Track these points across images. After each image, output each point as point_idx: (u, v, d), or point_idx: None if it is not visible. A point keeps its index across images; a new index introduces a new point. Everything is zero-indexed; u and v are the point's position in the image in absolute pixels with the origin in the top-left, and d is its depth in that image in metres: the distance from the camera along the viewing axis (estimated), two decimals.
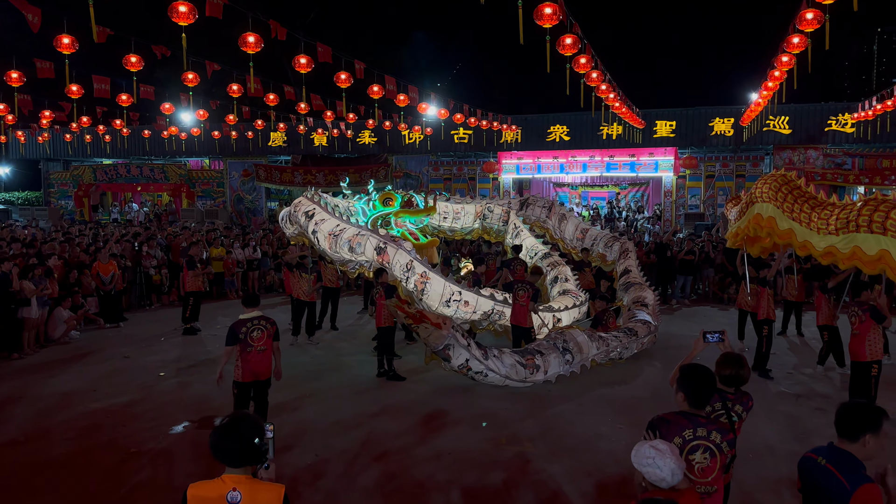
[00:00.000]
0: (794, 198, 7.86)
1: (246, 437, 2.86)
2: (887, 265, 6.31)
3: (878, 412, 3.14)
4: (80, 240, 16.48)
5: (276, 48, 12.16)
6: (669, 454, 2.90)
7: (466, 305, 9.41)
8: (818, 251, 7.33)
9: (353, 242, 9.79)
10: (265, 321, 6.73)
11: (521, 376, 8.23)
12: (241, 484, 2.85)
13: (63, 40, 9.35)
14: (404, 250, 9.44)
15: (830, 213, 7.15)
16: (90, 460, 6.54)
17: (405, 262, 9.28)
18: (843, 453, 3.10)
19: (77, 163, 33.52)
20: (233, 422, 2.90)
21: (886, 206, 6.42)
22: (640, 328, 9.83)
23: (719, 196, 25.85)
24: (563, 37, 8.91)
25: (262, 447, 2.91)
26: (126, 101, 14.76)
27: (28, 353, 10.59)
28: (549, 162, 26.65)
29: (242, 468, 2.89)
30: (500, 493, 5.82)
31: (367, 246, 9.68)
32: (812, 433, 7.08)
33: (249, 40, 9.54)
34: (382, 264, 9.45)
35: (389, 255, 9.42)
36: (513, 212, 13.28)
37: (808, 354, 10.53)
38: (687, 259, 15.59)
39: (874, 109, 18.81)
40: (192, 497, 2.89)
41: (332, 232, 10.06)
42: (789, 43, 9.76)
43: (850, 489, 2.95)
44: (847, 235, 6.81)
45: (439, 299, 9.26)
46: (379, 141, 27.87)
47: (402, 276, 9.29)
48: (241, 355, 6.70)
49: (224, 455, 2.88)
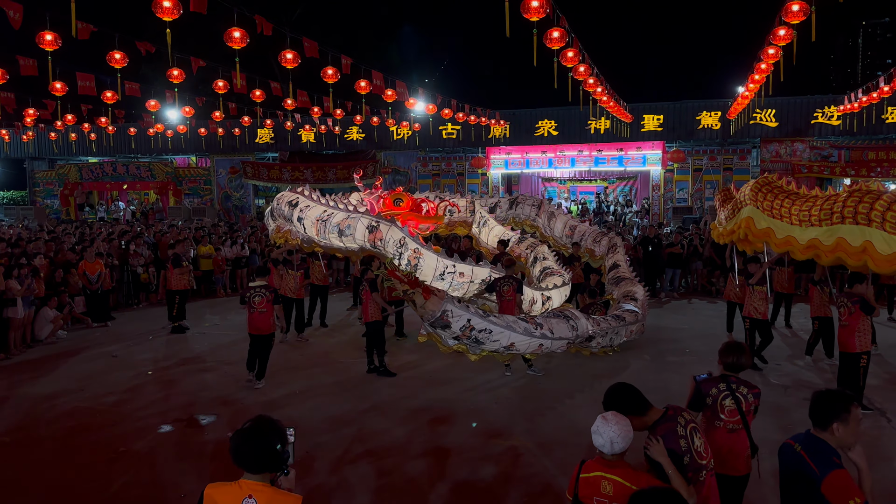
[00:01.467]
0: (774, 195, 7.94)
1: (268, 443, 2.77)
2: (870, 256, 6.32)
3: (845, 400, 3.21)
4: (66, 239, 16.34)
5: (263, 44, 12.09)
6: (614, 423, 3.19)
7: (462, 276, 9.20)
8: (801, 244, 7.35)
9: (342, 226, 9.49)
10: (266, 289, 8.82)
11: (524, 329, 7.89)
12: (257, 491, 2.75)
13: (46, 37, 9.21)
14: (397, 227, 9.25)
15: (813, 203, 7.18)
16: (78, 460, 6.49)
17: (398, 237, 9.02)
18: (817, 441, 3.19)
19: (62, 161, 33.20)
20: (255, 426, 2.79)
21: (871, 197, 6.43)
22: (627, 315, 9.79)
23: (707, 189, 25.96)
24: (550, 30, 8.89)
25: (284, 454, 2.83)
26: (111, 98, 14.59)
27: (14, 353, 10.50)
28: (538, 157, 26.67)
29: (261, 475, 2.80)
30: (491, 488, 5.82)
31: (358, 227, 9.36)
32: (799, 424, 7.09)
33: (235, 36, 9.44)
34: (375, 242, 9.21)
35: (382, 231, 9.15)
36: (477, 202, 13.23)
37: (798, 346, 10.59)
38: (675, 252, 15.66)
39: (860, 102, 18.92)
40: (208, 497, 2.81)
41: (320, 218, 9.80)
42: (775, 35, 9.78)
43: (819, 475, 3.04)
44: (831, 227, 6.84)
45: (433, 273, 9.05)
46: (367, 137, 27.76)
47: (395, 253, 9.05)
48: (248, 314, 8.75)
49: (244, 461, 2.78)
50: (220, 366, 9.83)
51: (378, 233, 9.16)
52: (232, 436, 2.80)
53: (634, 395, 3.53)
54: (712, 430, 4.34)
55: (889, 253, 6.16)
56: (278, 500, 2.78)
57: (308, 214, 10.01)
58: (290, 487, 2.89)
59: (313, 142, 28.43)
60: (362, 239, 9.37)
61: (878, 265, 6.30)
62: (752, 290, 9.31)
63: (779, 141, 24.41)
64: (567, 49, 9.90)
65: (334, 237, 9.67)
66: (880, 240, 6.24)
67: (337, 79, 12.22)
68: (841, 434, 3.16)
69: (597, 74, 12.53)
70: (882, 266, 6.30)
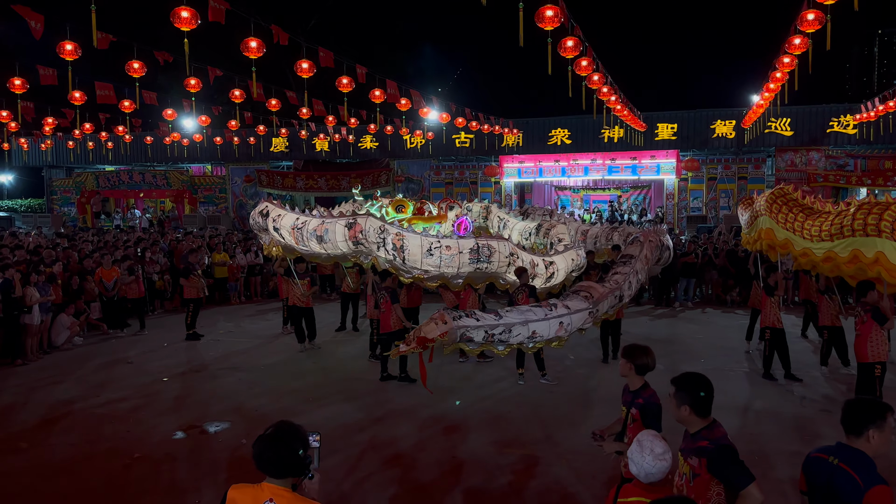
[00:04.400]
0: (789, 208, 8.00)
1: (290, 448, 2.75)
2: (883, 267, 6.36)
3: (882, 407, 3.12)
4: (84, 246, 16.50)
5: (279, 53, 12.19)
6: (648, 451, 2.97)
7: (449, 249, 8.88)
8: (818, 257, 7.41)
9: (318, 231, 9.27)
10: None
11: (541, 314, 7.44)
12: (278, 495, 2.74)
13: (66, 47, 9.36)
14: (373, 216, 9.14)
15: (824, 220, 7.25)
16: (93, 465, 6.54)
17: (377, 226, 8.85)
18: (855, 451, 3.07)
19: (80, 170, 33.57)
20: (277, 432, 2.78)
21: (879, 209, 6.50)
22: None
23: (721, 198, 25.83)
24: (564, 39, 8.91)
25: (307, 459, 2.81)
26: (129, 107, 14.76)
27: (31, 359, 10.59)
28: (551, 165, 26.64)
29: (283, 479, 2.79)
30: (507, 497, 5.79)
31: (337, 230, 9.11)
32: (817, 435, 7.04)
33: (251, 45, 9.55)
34: (356, 237, 8.97)
35: (361, 224, 8.95)
36: (493, 206, 13.15)
37: (816, 356, 10.48)
38: (689, 262, 15.57)
39: (876, 111, 18.79)
40: (230, 499, 2.81)
41: (295, 226, 9.62)
42: (790, 44, 9.75)
43: (863, 487, 2.93)
44: (845, 240, 6.89)
45: (420, 252, 8.85)
46: (381, 145, 27.88)
47: (377, 241, 8.91)
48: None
49: (267, 466, 2.77)
50: (233, 373, 9.87)
51: (357, 226, 8.93)
52: (254, 442, 2.80)
53: (706, 387, 3.44)
54: None
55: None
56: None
57: (282, 224, 9.84)
58: (315, 491, 2.88)
59: (327, 150, 28.60)
60: (343, 240, 9.11)
61: (891, 275, 6.33)
62: (770, 299, 9.27)
63: (794, 150, 24.24)
64: (581, 58, 9.91)
65: (314, 244, 9.48)
66: (892, 250, 6.30)
67: (352, 88, 12.30)
68: (877, 442, 3.05)
69: (611, 83, 12.53)
70: (894, 275, 6.31)
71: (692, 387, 3.44)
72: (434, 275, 8.98)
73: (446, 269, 8.93)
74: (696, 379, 3.48)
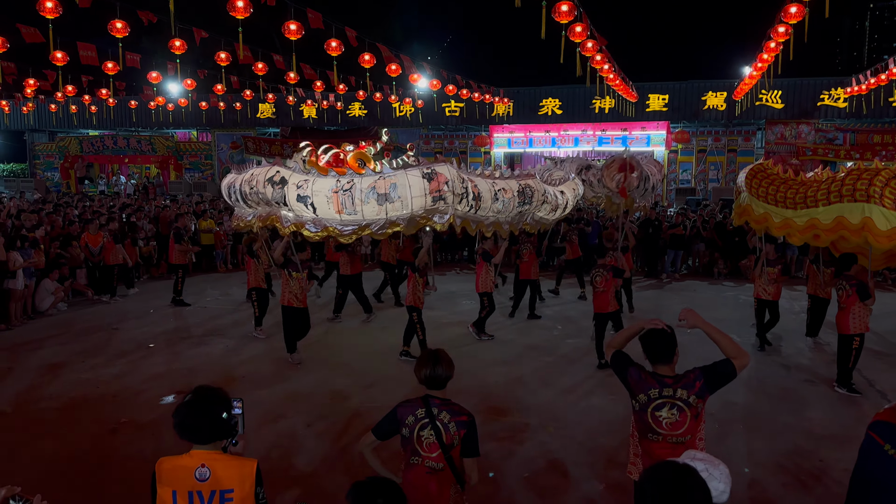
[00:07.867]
0: (770, 182, 7.98)
1: (212, 412, 2.76)
2: (870, 232, 6.34)
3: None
4: (69, 211, 16.28)
5: (266, 15, 11.91)
6: (717, 476, 2.51)
7: (506, 193, 7.46)
8: (799, 225, 7.38)
9: (381, 189, 6.55)
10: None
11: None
12: (210, 460, 2.75)
13: (46, 4, 9.08)
14: (452, 165, 6.89)
15: (809, 186, 7.23)
16: (79, 430, 6.50)
17: (456, 174, 6.77)
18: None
19: (63, 134, 33.03)
20: (197, 397, 2.78)
21: (869, 174, 6.48)
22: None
23: (710, 171, 25.84)
24: (559, 3, 8.74)
25: (231, 421, 2.82)
26: (112, 69, 14.41)
27: (15, 324, 10.49)
28: (541, 136, 26.52)
29: (212, 444, 2.80)
30: (493, 464, 5.81)
31: (412, 182, 6.56)
32: (805, 404, 7.10)
33: (238, 5, 9.30)
34: (441, 189, 6.50)
35: (444, 173, 6.64)
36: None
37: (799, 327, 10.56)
38: (677, 233, 15.59)
39: (867, 84, 18.74)
40: (161, 472, 2.81)
41: (338, 188, 6.61)
42: (786, 13, 9.63)
43: None
44: (829, 207, 6.87)
45: (490, 197, 7.27)
46: (369, 113, 27.58)
47: (461, 191, 6.78)
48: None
49: (191, 433, 2.77)
50: (221, 339, 9.82)
51: (440, 176, 6.64)
52: (175, 410, 2.77)
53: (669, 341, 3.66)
54: (410, 470, 3.56)
55: (888, 228, 6.21)
56: (232, 465, 2.79)
57: (315, 189, 6.74)
58: (239, 453, 2.88)
59: (315, 118, 28.26)
60: (421, 195, 6.65)
61: (878, 241, 6.34)
62: (761, 271, 9.30)
63: (784, 123, 24.23)
64: (575, 24, 9.75)
65: (370, 207, 6.70)
66: (879, 215, 6.29)
67: (341, 52, 12.05)
68: None
69: (604, 51, 12.36)
70: (881, 242, 6.33)
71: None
72: (491, 221, 7.66)
73: (504, 216, 7.68)
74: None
